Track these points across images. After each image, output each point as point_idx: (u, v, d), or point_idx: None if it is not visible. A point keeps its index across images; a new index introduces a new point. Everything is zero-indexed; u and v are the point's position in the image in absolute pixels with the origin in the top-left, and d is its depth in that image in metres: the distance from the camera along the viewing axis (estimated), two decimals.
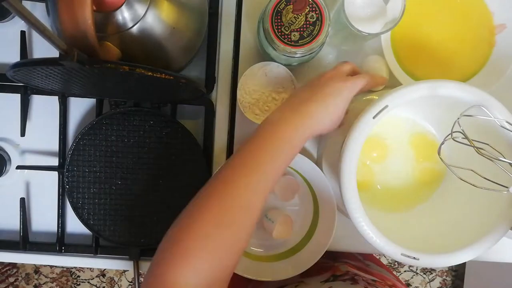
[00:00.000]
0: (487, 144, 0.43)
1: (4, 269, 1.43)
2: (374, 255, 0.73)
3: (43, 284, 1.49)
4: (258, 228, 0.58)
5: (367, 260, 0.65)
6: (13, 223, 0.60)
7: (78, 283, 1.49)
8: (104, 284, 1.49)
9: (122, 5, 0.41)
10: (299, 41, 0.47)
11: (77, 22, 0.36)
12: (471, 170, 0.43)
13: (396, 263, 1.50)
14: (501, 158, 0.42)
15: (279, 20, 0.47)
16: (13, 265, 1.46)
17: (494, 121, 0.43)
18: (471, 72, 0.56)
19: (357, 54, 0.58)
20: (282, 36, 0.47)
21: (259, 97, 0.54)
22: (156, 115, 0.56)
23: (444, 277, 1.50)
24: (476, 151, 0.42)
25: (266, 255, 0.58)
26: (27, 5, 0.57)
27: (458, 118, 0.42)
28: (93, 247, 0.59)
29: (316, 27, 0.47)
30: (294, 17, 0.47)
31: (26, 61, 0.40)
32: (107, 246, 0.59)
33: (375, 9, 0.50)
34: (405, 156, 0.54)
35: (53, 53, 0.37)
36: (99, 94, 0.57)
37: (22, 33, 0.58)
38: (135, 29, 0.43)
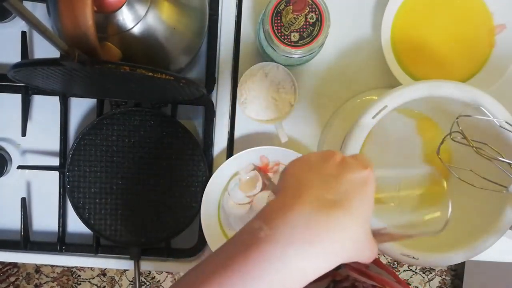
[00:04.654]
0: (486, 144, 0.43)
1: (5, 269, 1.43)
2: None
3: (44, 283, 1.49)
4: None
5: None
6: (14, 222, 0.60)
7: (78, 282, 1.49)
8: (104, 284, 1.49)
9: (122, 6, 0.42)
10: (299, 42, 0.47)
11: (77, 23, 0.36)
12: (470, 170, 0.43)
13: (395, 262, 1.50)
14: (500, 158, 0.42)
15: (279, 21, 0.47)
16: (14, 264, 1.46)
17: (493, 121, 0.43)
18: (470, 72, 0.56)
19: (357, 53, 0.58)
20: (282, 37, 0.47)
21: (259, 97, 0.54)
22: (156, 115, 0.56)
23: (443, 276, 1.50)
24: (475, 151, 0.42)
25: None
26: (28, 5, 0.57)
27: (457, 118, 0.43)
28: (94, 247, 0.59)
29: (316, 27, 0.47)
30: (294, 17, 0.47)
31: (27, 62, 0.41)
32: (107, 246, 0.60)
33: None
34: (410, 157, 0.54)
35: (54, 53, 0.37)
36: (99, 94, 0.58)
37: (23, 33, 0.58)
38: (135, 30, 0.43)
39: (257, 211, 0.55)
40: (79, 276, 1.49)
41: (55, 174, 0.59)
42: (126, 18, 0.42)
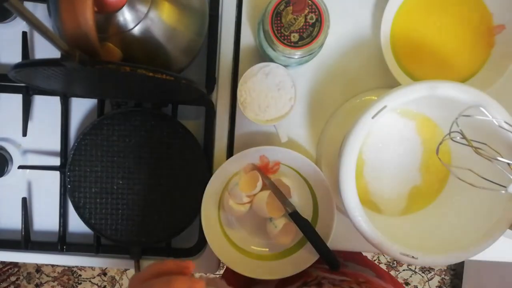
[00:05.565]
0: (485, 144, 0.43)
1: (6, 268, 1.44)
2: (362, 253, 0.72)
3: (45, 283, 1.49)
4: (259, 228, 0.58)
5: (347, 261, 0.64)
6: (15, 222, 0.60)
7: (79, 282, 1.50)
8: (105, 283, 1.50)
9: (123, 6, 0.42)
10: (299, 42, 0.47)
11: (78, 23, 0.36)
12: (469, 170, 0.43)
13: (395, 262, 1.50)
14: (499, 158, 0.42)
15: (279, 21, 0.47)
16: (15, 264, 1.46)
17: (492, 121, 0.43)
18: (470, 72, 0.56)
19: (356, 54, 0.58)
20: (282, 37, 0.47)
21: (259, 97, 0.54)
22: (157, 115, 0.57)
23: (443, 276, 1.50)
24: (474, 151, 0.42)
25: (266, 254, 0.58)
26: (29, 6, 0.57)
27: (456, 118, 0.43)
28: (95, 246, 0.59)
29: (316, 28, 0.47)
30: (294, 18, 0.47)
31: (28, 62, 0.41)
32: (108, 245, 0.60)
33: None
34: (409, 157, 0.54)
35: (55, 54, 0.37)
36: (100, 95, 0.58)
37: (24, 34, 0.58)
38: (136, 30, 0.44)
39: (257, 210, 0.55)
40: (80, 275, 1.49)
41: (56, 174, 0.59)
42: (127, 18, 0.43)
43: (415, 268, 1.51)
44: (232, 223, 0.58)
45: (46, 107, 0.60)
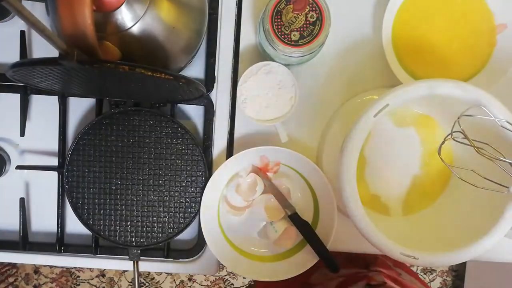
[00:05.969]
0: (487, 144, 0.43)
1: (4, 269, 1.43)
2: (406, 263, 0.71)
3: (43, 284, 1.49)
4: (259, 230, 0.58)
5: (397, 268, 0.64)
6: (12, 223, 0.60)
7: (77, 283, 1.49)
8: (103, 284, 1.49)
9: (121, 5, 0.41)
10: (299, 41, 0.47)
11: (76, 22, 0.36)
12: (471, 170, 0.43)
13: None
14: (501, 158, 0.42)
15: (279, 20, 0.47)
16: (13, 265, 1.46)
17: (495, 121, 0.43)
18: (471, 71, 0.56)
19: (357, 53, 0.58)
20: (282, 36, 0.47)
21: (259, 97, 0.54)
22: (155, 115, 0.56)
23: (445, 277, 1.49)
24: (476, 151, 0.42)
25: (267, 256, 0.58)
26: (27, 4, 0.56)
27: (458, 118, 0.42)
28: (93, 247, 0.59)
29: (316, 26, 0.47)
30: (294, 16, 0.47)
31: (26, 61, 0.40)
32: (106, 246, 0.59)
33: None
34: (411, 157, 0.54)
35: (53, 53, 0.37)
36: (98, 94, 0.57)
37: (22, 32, 0.58)
38: (134, 29, 0.43)
39: (256, 214, 0.55)
40: (78, 277, 1.49)
41: (54, 174, 0.58)
42: (125, 17, 0.42)
43: (417, 270, 1.50)
44: (232, 225, 0.58)
45: (44, 107, 0.60)
